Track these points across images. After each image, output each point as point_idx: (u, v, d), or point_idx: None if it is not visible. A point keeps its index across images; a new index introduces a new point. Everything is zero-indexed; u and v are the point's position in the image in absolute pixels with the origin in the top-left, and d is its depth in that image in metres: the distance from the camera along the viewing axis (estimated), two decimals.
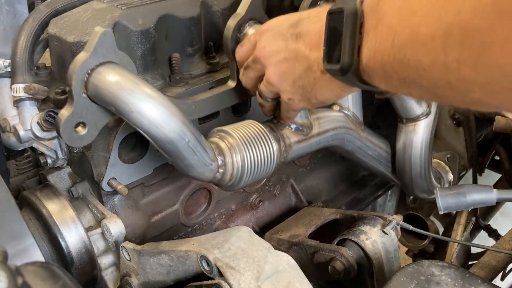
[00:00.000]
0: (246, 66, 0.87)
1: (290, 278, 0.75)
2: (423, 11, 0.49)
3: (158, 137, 0.76)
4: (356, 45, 0.60)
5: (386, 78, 0.58)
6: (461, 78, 0.46)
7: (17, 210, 0.77)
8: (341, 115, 1.07)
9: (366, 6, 0.59)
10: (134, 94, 0.73)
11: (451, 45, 0.45)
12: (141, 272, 0.91)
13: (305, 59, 0.73)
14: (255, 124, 0.91)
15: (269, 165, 0.90)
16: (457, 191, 1.28)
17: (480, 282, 0.80)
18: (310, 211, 1.26)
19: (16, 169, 1.22)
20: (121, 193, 0.96)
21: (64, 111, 0.76)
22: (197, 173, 0.82)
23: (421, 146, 1.16)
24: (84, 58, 0.73)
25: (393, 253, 1.04)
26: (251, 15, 0.92)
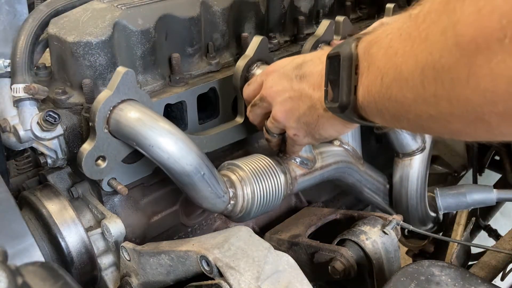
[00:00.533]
0: (253, 104, 0.94)
1: (290, 278, 0.75)
2: (403, 53, 0.54)
3: (176, 170, 0.81)
4: (352, 85, 0.65)
5: (380, 114, 0.63)
6: (439, 111, 0.51)
7: (17, 210, 0.77)
8: (341, 149, 1.13)
9: (360, 50, 0.64)
10: (155, 129, 0.78)
11: (428, 82, 0.50)
12: (141, 272, 0.91)
13: (309, 98, 0.80)
14: (264, 158, 0.97)
15: (277, 197, 0.96)
16: (457, 191, 1.28)
17: (480, 282, 0.80)
18: (310, 211, 1.26)
19: (16, 169, 1.22)
20: (121, 193, 0.96)
21: (86, 145, 0.81)
22: (210, 205, 0.87)
23: (417, 179, 1.23)
24: (107, 96, 0.78)
25: (393, 253, 1.04)
26: (259, 56, 1.00)
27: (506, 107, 0.44)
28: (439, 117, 0.53)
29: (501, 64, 0.41)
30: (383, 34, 0.61)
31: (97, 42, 0.89)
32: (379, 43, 0.61)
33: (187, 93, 1.02)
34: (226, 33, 1.11)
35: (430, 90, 0.51)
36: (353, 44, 0.65)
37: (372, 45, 0.62)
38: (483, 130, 0.50)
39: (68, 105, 0.93)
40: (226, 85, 1.10)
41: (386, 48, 0.58)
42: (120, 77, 0.79)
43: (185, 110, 1.04)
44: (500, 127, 0.47)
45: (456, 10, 0.44)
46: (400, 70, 0.55)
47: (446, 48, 0.46)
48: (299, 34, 1.26)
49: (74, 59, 0.90)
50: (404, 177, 1.25)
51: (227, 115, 1.13)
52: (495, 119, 0.46)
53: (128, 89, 0.81)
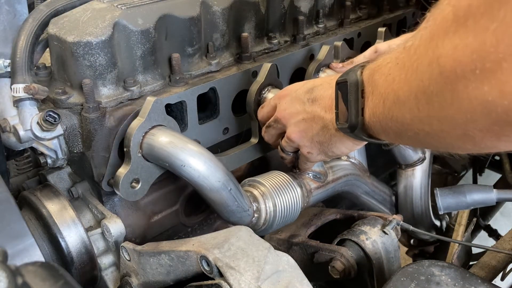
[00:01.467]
0: (268, 125, 1.02)
1: (290, 278, 0.75)
2: (399, 80, 0.63)
3: (205, 187, 0.88)
4: (360, 108, 0.73)
5: (384, 132, 0.72)
6: (433, 128, 0.60)
7: (17, 210, 0.77)
8: (349, 163, 1.21)
9: (365, 76, 0.73)
10: (185, 150, 0.86)
11: (421, 105, 0.59)
12: (141, 272, 0.91)
13: (321, 119, 0.88)
14: (281, 174, 1.04)
15: (296, 209, 1.03)
16: (457, 191, 1.28)
17: (480, 282, 0.80)
18: (310, 211, 1.26)
19: (16, 169, 1.22)
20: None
21: (122, 170, 0.89)
22: (237, 219, 0.94)
23: (420, 188, 1.30)
24: (140, 123, 0.87)
25: (393, 253, 1.04)
26: (269, 81, 1.09)
27: (485, 124, 0.51)
28: (433, 134, 0.61)
29: (475, 90, 0.49)
30: (383, 63, 0.69)
31: (97, 42, 0.89)
32: (381, 70, 0.69)
33: (187, 93, 1.02)
34: (226, 33, 1.11)
35: (423, 111, 0.59)
36: (359, 72, 0.74)
37: (375, 72, 0.70)
38: (470, 144, 0.57)
39: (68, 105, 0.93)
40: (226, 85, 1.10)
41: (386, 75, 0.67)
42: (151, 105, 0.87)
43: (185, 110, 1.04)
44: (483, 141, 0.55)
45: (438, 46, 0.53)
46: (398, 95, 0.63)
47: (433, 77, 0.55)
48: (299, 34, 1.26)
49: (74, 59, 0.90)
50: (408, 186, 1.32)
51: (227, 115, 1.13)
52: (478, 134, 0.54)
53: (158, 116, 0.89)
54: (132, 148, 0.87)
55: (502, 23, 0.45)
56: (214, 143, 1.15)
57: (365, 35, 1.44)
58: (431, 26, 0.56)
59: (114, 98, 0.95)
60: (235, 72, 1.11)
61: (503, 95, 0.47)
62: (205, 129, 1.11)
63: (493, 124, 0.51)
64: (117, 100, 0.95)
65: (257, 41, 1.20)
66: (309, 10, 1.29)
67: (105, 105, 0.93)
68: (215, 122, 1.12)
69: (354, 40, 1.42)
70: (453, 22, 0.51)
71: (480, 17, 0.47)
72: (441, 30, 0.53)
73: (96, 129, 0.92)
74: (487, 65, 0.47)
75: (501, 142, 0.54)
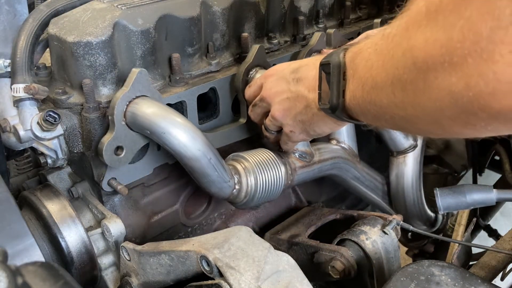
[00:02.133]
0: (254, 104, 1.04)
1: (290, 278, 0.75)
2: (377, 66, 0.66)
3: (185, 155, 0.89)
4: (341, 90, 0.75)
5: (363, 114, 0.74)
6: (407, 113, 0.63)
7: (17, 210, 0.77)
8: (338, 147, 1.22)
9: (347, 59, 0.75)
10: (167, 119, 0.88)
11: (397, 91, 0.62)
12: (141, 272, 0.91)
13: (305, 99, 0.89)
14: (266, 151, 1.06)
15: (278, 186, 1.04)
16: (457, 191, 1.28)
17: (480, 282, 0.80)
18: (310, 211, 1.26)
19: (16, 169, 1.22)
20: (121, 193, 0.96)
21: (106, 137, 0.90)
22: (217, 189, 0.96)
23: (412, 176, 1.29)
24: (124, 92, 0.88)
25: (393, 253, 1.04)
26: (257, 62, 1.09)
27: (452, 113, 0.55)
28: (408, 119, 0.64)
29: (444, 81, 0.53)
30: (364, 47, 0.71)
31: (97, 42, 0.89)
32: (361, 54, 0.71)
33: (187, 93, 1.02)
34: (226, 33, 1.11)
35: (399, 97, 0.62)
36: (341, 54, 0.76)
37: (356, 55, 0.73)
38: (440, 129, 0.61)
39: (68, 105, 0.93)
40: (226, 85, 1.10)
41: (366, 60, 0.69)
42: (135, 76, 0.89)
43: (185, 110, 1.04)
44: (452, 127, 0.58)
45: (411, 37, 0.56)
46: (376, 80, 0.66)
47: (407, 66, 0.58)
48: (299, 34, 1.27)
49: (74, 59, 0.90)
50: (399, 174, 1.31)
51: (227, 115, 1.13)
52: (447, 122, 0.57)
53: (142, 87, 0.90)
54: (116, 116, 0.89)
55: (468, 21, 0.48)
56: None
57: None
58: (406, 17, 0.59)
59: None
60: (235, 72, 1.11)
61: (468, 87, 0.51)
62: (205, 129, 1.11)
63: (460, 113, 0.54)
64: None
65: (257, 41, 1.20)
66: (309, 10, 1.29)
67: (105, 105, 0.93)
68: (215, 122, 1.12)
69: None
70: (425, 16, 0.54)
71: (448, 14, 0.50)
72: (415, 22, 0.56)
73: (96, 129, 0.92)
74: (454, 59, 0.50)
75: (468, 130, 0.57)
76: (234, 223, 1.26)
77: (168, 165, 1.06)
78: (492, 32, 0.46)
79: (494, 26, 0.46)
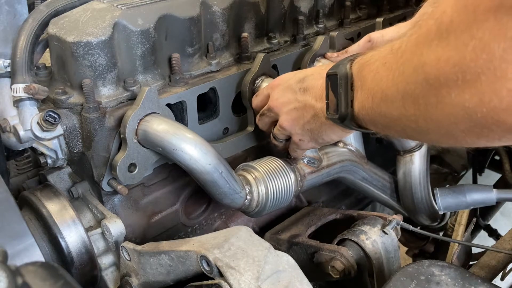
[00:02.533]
0: (262, 114, 1.05)
1: (290, 278, 0.75)
2: (386, 80, 0.67)
3: (197, 170, 0.91)
4: (349, 100, 0.76)
5: (373, 124, 0.76)
6: (419, 126, 0.64)
7: (17, 210, 0.77)
8: (346, 150, 1.23)
9: (354, 70, 0.76)
10: (177, 136, 0.89)
11: (408, 105, 0.63)
12: (141, 272, 0.91)
13: (312, 108, 0.90)
14: (275, 159, 1.07)
15: (288, 193, 1.06)
16: (457, 191, 1.29)
17: (480, 282, 0.80)
18: (310, 211, 1.26)
19: (16, 169, 1.22)
20: (121, 193, 0.96)
21: (120, 155, 0.92)
22: (229, 200, 0.98)
23: (419, 174, 1.31)
24: (135, 111, 0.90)
25: (393, 253, 1.04)
26: (263, 71, 1.11)
27: (466, 126, 0.56)
28: (420, 130, 0.66)
29: (457, 97, 0.54)
30: (372, 59, 0.72)
31: (97, 42, 0.89)
32: (369, 67, 0.72)
33: (187, 93, 1.02)
34: (226, 33, 1.11)
35: (410, 111, 0.63)
36: (348, 65, 0.77)
37: (364, 67, 0.74)
38: (453, 140, 0.63)
39: (68, 105, 0.93)
40: (226, 85, 1.10)
41: (375, 73, 0.70)
42: (145, 94, 0.90)
43: (185, 110, 1.04)
44: (465, 139, 0.60)
45: (423, 54, 0.58)
46: (385, 94, 0.68)
47: (419, 82, 0.59)
48: (299, 34, 1.27)
49: (74, 59, 0.90)
50: (407, 172, 1.32)
51: (227, 115, 1.13)
52: (460, 134, 0.59)
53: (152, 104, 0.92)
54: (128, 134, 0.91)
55: (481, 42, 0.50)
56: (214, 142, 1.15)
57: (365, 35, 1.44)
58: (416, 34, 0.60)
59: (114, 98, 0.95)
60: (235, 72, 1.11)
61: (482, 103, 0.52)
62: (205, 129, 1.11)
63: (473, 126, 0.56)
64: (117, 100, 0.95)
65: (257, 41, 1.20)
66: (309, 10, 1.29)
67: (105, 105, 0.93)
68: (215, 122, 1.12)
69: (354, 40, 1.42)
70: (436, 35, 0.56)
71: (460, 34, 0.52)
72: (426, 40, 0.58)
73: (96, 129, 0.92)
74: (468, 77, 0.52)
75: (481, 141, 0.59)
76: (234, 223, 1.26)
77: (168, 165, 1.06)
78: (505, 52, 0.48)
79: (506, 47, 0.48)
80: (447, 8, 0.54)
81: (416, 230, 1.10)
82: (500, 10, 0.48)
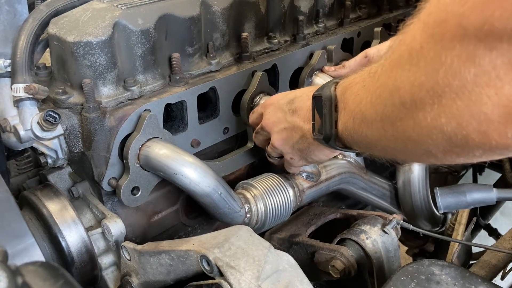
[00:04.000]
0: (256, 132, 1.09)
1: (291, 278, 0.75)
2: (365, 103, 0.69)
3: (197, 192, 0.95)
4: (333, 121, 0.79)
5: (356, 144, 0.78)
6: (398, 146, 0.66)
7: (17, 210, 0.77)
8: (345, 162, 1.25)
9: (338, 92, 0.79)
10: (177, 161, 0.92)
11: (386, 126, 0.65)
12: (141, 271, 0.91)
13: (300, 129, 0.94)
14: (273, 176, 1.10)
15: (287, 209, 1.09)
16: (457, 191, 1.28)
17: (480, 281, 0.80)
18: (310, 211, 1.26)
19: (16, 169, 1.22)
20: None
21: (123, 179, 0.96)
22: (229, 219, 1.01)
23: (418, 182, 1.34)
24: (136, 137, 0.93)
25: (393, 252, 1.04)
26: (260, 89, 1.14)
27: (446, 147, 0.58)
28: (399, 150, 0.68)
29: (434, 120, 0.56)
30: (353, 82, 0.75)
31: (97, 42, 0.89)
32: (351, 89, 0.75)
33: (187, 93, 1.02)
34: (226, 33, 1.11)
35: (389, 132, 0.65)
36: (332, 87, 0.80)
37: (346, 89, 0.77)
38: (433, 159, 0.63)
39: (68, 105, 0.93)
40: (226, 85, 1.10)
41: (355, 95, 0.73)
42: (145, 120, 0.93)
43: (185, 110, 1.04)
44: (445, 157, 0.61)
45: (397, 79, 0.59)
46: (365, 115, 0.70)
47: (395, 105, 0.61)
48: (299, 33, 1.27)
49: (74, 59, 0.90)
50: (406, 181, 1.35)
51: (227, 115, 1.13)
52: (439, 154, 0.60)
53: (152, 130, 0.95)
54: (130, 160, 0.94)
55: (451, 68, 0.51)
56: (214, 142, 1.15)
57: (365, 35, 1.44)
58: (389, 59, 0.62)
59: (114, 98, 0.95)
60: (235, 72, 1.11)
61: (461, 127, 0.53)
62: (205, 128, 1.11)
63: (453, 147, 0.57)
64: (117, 100, 0.95)
65: (257, 41, 1.20)
66: (309, 10, 1.29)
67: (105, 105, 0.93)
68: (215, 122, 1.13)
69: (354, 39, 1.42)
70: (407, 60, 0.57)
71: (430, 60, 0.53)
72: (399, 65, 0.59)
73: (96, 129, 0.92)
74: (444, 101, 0.53)
75: (461, 159, 0.60)
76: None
77: None
78: (477, 77, 0.49)
79: (477, 72, 0.49)
80: (416, 34, 0.55)
81: (416, 229, 1.10)
82: (465, 38, 0.48)
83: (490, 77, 0.48)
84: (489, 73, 0.48)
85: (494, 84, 0.48)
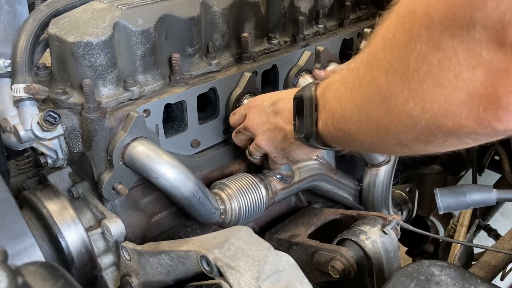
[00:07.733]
0: (238, 131, 1.10)
1: (290, 278, 0.75)
2: (345, 97, 0.74)
3: (177, 196, 0.98)
4: (313, 120, 0.83)
5: (335, 141, 0.83)
6: (373, 139, 0.71)
7: (17, 210, 0.77)
8: (317, 163, 1.31)
9: (318, 92, 0.83)
10: (160, 165, 0.94)
11: (363, 119, 0.70)
12: (141, 272, 0.91)
13: (283, 130, 0.98)
14: (248, 177, 1.13)
15: (260, 208, 1.12)
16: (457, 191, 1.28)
17: (479, 282, 0.80)
18: (310, 211, 1.26)
19: (16, 169, 1.22)
20: (121, 193, 0.96)
21: (106, 175, 0.97)
22: (204, 220, 1.06)
23: (382, 186, 1.43)
24: (123, 136, 0.94)
25: (393, 253, 1.04)
26: (248, 90, 1.14)
27: (413, 134, 0.62)
28: (374, 143, 0.72)
29: (403, 106, 0.60)
30: (333, 81, 0.79)
31: (97, 42, 0.89)
32: (331, 87, 0.79)
33: (187, 93, 1.02)
34: (226, 33, 1.11)
35: (365, 125, 0.70)
36: (313, 88, 0.84)
37: (326, 88, 0.81)
38: (405, 149, 0.68)
39: (68, 105, 0.94)
40: (226, 85, 1.10)
41: (335, 92, 0.77)
42: (133, 121, 0.94)
43: (185, 110, 1.04)
44: (415, 146, 0.65)
45: (373, 69, 0.64)
46: (344, 110, 0.74)
47: (372, 94, 0.65)
48: (299, 34, 1.27)
49: (74, 59, 0.90)
50: (371, 184, 1.43)
51: (227, 115, 1.13)
52: (409, 142, 0.65)
53: (139, 130, 0.96)
54: (115, 158, 0.95)
55: (420, 54, 0.55)
56: (214, 143, 1.16)
57: (364, 35, 1.44)
58: (367, 51, 0.66)
59: (115, 98, 0.95)
60: (235, 72, 1.12)
61: (425, 111, 0.57)
62: (205, 129, 1.11)
63: (420, 133, 0.61)
64: (117, 100, 0.95)
65: (257, 41, 1.20)
66: (309, 10, 1.30)
67: (105, 105, 0.93)
68: (215, 122, 1.13)
69: (354, 40, 1.42)
70: (382, 49, 0.61)
71: (402, 48, 0.57)
72: (374, 56, 0.64)
73: (96, 129, 0.92)
74: (412, 85, 0.57)
75: (428, 147, 0.64)
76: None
77: None
78: (440, 62, 0.53)
79: (441, 57, 0.53)
80: (390, 25, 0.60)
81: (416, 230, 1.10)
82: (431, 26, 0.53)
83: (451, 62, 0.52)
84: (450, 58, 0.52)
85: (454, 69, 0.52)
